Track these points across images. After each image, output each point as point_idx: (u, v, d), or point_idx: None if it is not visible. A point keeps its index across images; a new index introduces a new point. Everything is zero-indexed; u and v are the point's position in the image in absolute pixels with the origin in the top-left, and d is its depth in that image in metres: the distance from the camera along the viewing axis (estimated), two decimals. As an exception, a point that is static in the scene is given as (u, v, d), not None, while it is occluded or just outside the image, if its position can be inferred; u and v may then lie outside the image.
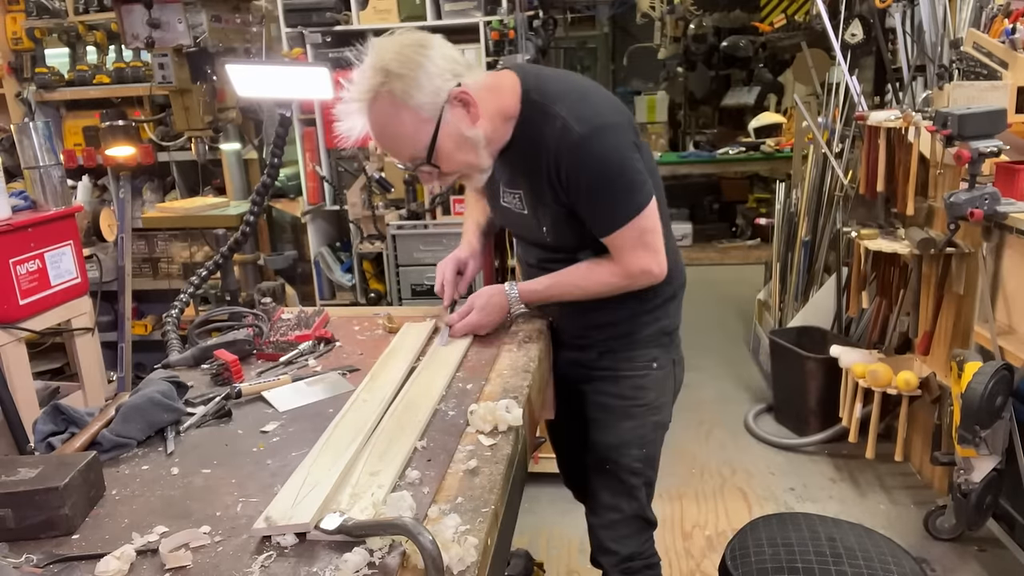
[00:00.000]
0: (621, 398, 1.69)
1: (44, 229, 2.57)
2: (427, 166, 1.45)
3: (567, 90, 1.48)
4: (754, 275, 5.05)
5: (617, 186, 1.46)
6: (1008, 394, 2.14)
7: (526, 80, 1.50)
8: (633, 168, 1.47)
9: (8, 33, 3.77)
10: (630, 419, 1.69)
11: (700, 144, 6.94)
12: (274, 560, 0.94)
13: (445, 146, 1.41)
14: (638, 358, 1.69)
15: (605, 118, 1.45)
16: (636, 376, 1.69)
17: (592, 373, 1.71)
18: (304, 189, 3.51)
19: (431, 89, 1.37)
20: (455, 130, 1.41)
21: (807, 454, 3.20)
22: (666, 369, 1.72)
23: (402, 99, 1.35)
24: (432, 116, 1.38)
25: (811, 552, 1.44)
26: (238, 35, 3.04)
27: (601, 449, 1.72)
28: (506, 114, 1.48)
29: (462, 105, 1.41)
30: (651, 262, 1.53)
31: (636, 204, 1.47)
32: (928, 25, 2.78)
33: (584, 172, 1.44)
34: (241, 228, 1.98)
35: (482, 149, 1.46)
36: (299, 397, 1.40)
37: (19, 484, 1.01)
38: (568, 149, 1.42)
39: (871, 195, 2.85)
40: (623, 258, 1.53)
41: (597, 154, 1.43)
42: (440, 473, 1.11)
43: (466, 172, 1.50)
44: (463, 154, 1.45)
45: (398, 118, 1.38)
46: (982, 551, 2.49)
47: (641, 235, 1.50)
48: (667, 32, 7.17)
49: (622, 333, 1.67)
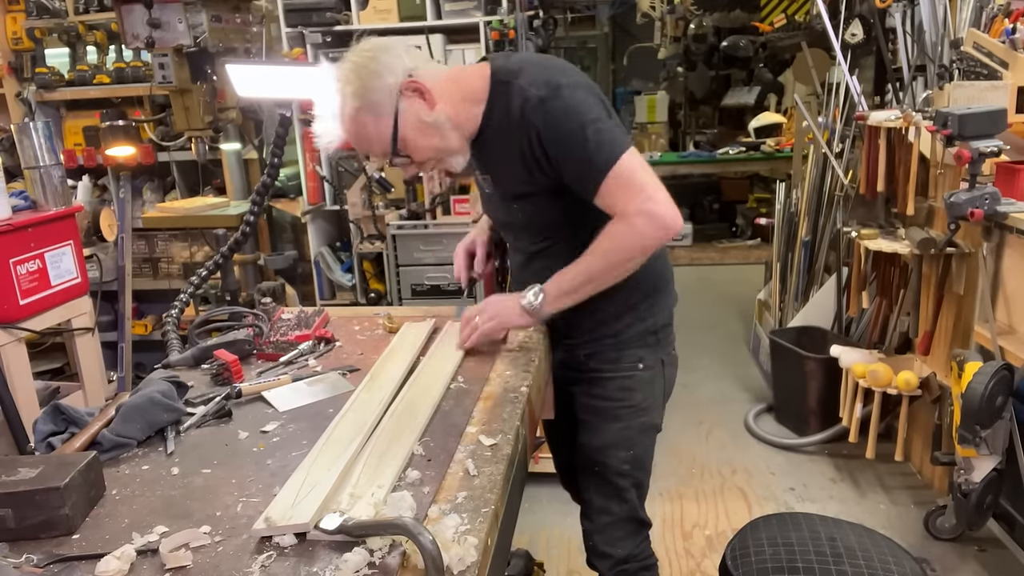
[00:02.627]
0: (608, 400, 1.68)
1: (44, 229, 2.57)
2: (399, 157, 1.50)
3: (528, 64, 1.51)
4: (754, 275, 5.05)
5: (589, 137, 1.42)
6: (1008, 394, 2.14)
7: (494, 64, 1.53)
8: (600, 118, 1.44)
9: (8, 33, 3.77)
10: (617, 421, 1.68)
11: (700, 144, 6.94)
12: (274, 560, 0.94)
13: (408, 135, 1.47)
14: (624, 359, 1.68)
15: (563, 79, 1.46)
16: (622, 377, 1.68)
17: (581, 375, 1.71)
18: (304, 189, 3.51)
19: (383, 87, 1.44)
20: (414, 118, 1.46)
21: (807, 454, 3.20)
22: (654, 370, 1.70)
23: (359, 103, 1.44)
24: (389, 112, 1.44)
25: (811, 552, 1.44)
26: (238, 35, 3.04)
27: (589, 451, 1.72)
28: (473, 97, 1.51)
29: (416, 94, 1.46)
30: (647, 202, 1.42)
31: (613, 151, 1.42)
32: (928, 25, 2.78)
33: (552, 131, 1.44)
34: (241, 228, 1.98)
35: (449, 131, 1.49)
36: (299, 397, 1.40)
37: (19, 484, 1.01)
38: (533, 115, 1.44)
39: (871, 195, 2.85)
40: (617, 209, 1.44)
41: (560, 110, 1.43)
42: (440, 473, 1.11)
43: (439, 156, 1.53)
44: (428, 139, 1.49)
45: (361, 121, 1.46)
46: (982, 551, 2.49)
47: (628, 178, 1.42)
48: (667, 32, 7.17)
49: (607, 333, 1.66)
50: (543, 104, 1.43)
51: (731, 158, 6.17)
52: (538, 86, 1.44)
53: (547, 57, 1.59)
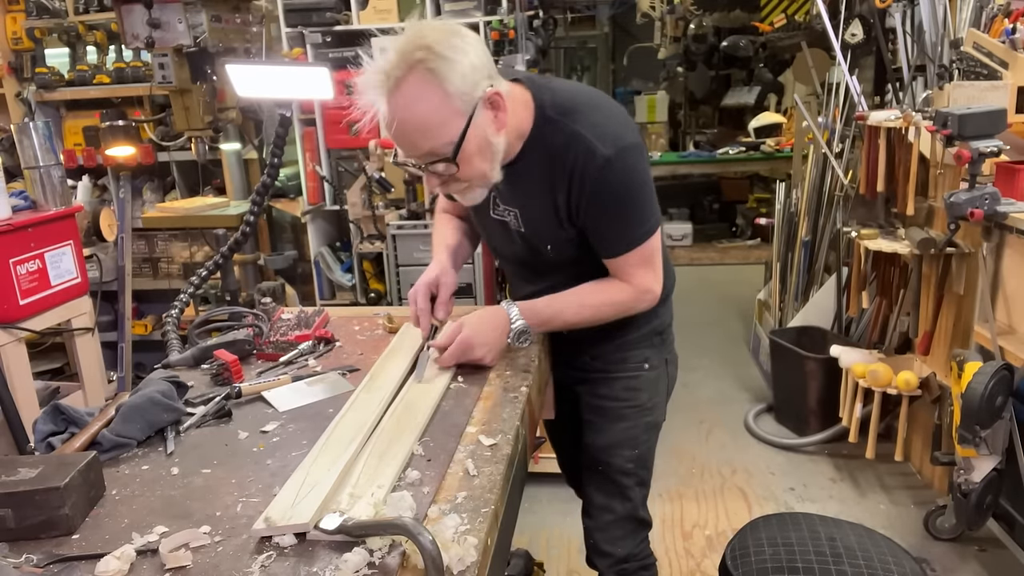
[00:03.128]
0: (614, 399, 1.68)
1: (44, 229, 2.57)
2: (444, 164, 1.31)
3: (584, 105, 1.41)
4: (754, 275, 5.05)
5: (634, 209, 1.44)
6: (1008, 394, 2.14)
7: (539, 95, 1.42)
8: (650, 194, 1.46)
9: (8, 33, 3.77)
10: (623, 420, 1.68)
11: (700, 144, 6.94)
12: (274, 560, 0.94)
13: (469, 147, 1.30)
14: (630, 359, 1.68)
15: (627, 139, 1.40)
16: (628, 377, 1.68)
17: (586, 375, 1.70)
18: (304, 189, 3.51)
19: (471, 80, 1.26)
20: (482, 132, 1.30)
21: (807, 454, 3.20)
22: (659, 369, 1.72)
23: (441, 80, 1.23)
24: (466, 110, 1.27)
25: (811, 552, 1.44)
26: (238, 35, 3.04)
27: (593, 451, 1.71)
28: (520, 132, 1.40)
29: (492, 108, 1.31)
30: (654, 282, 1.52)
31: (650, 227, 1.47)
32: (928, 25, 2.78)
33: (606, 194, 1.40)
34: (241, 228, 1.98)
35: (498, 161, 1.37)
36: (299, 397, 1.40)
37: (19, 484, 1.01)
38: (594, 170, 1.36)
39: (871, 195, 2.85)
40: (629, 278, 1.50)
41: (620, 176, 1.38)
42: (440, 473, 1.11)
43: (477, 183, 1.38)
44: (483, 161, 1.34)
45: (430, 101, 1.24)
46: (982, 551, 2.49)
47: (648, 257, 1.49)
48: (667, 32, 7.17)
49: (614, 334, 1.65)
50: (608, 165, 1.36)
51: (731, 158, 6.17)
52: (604, 140, 1.36)
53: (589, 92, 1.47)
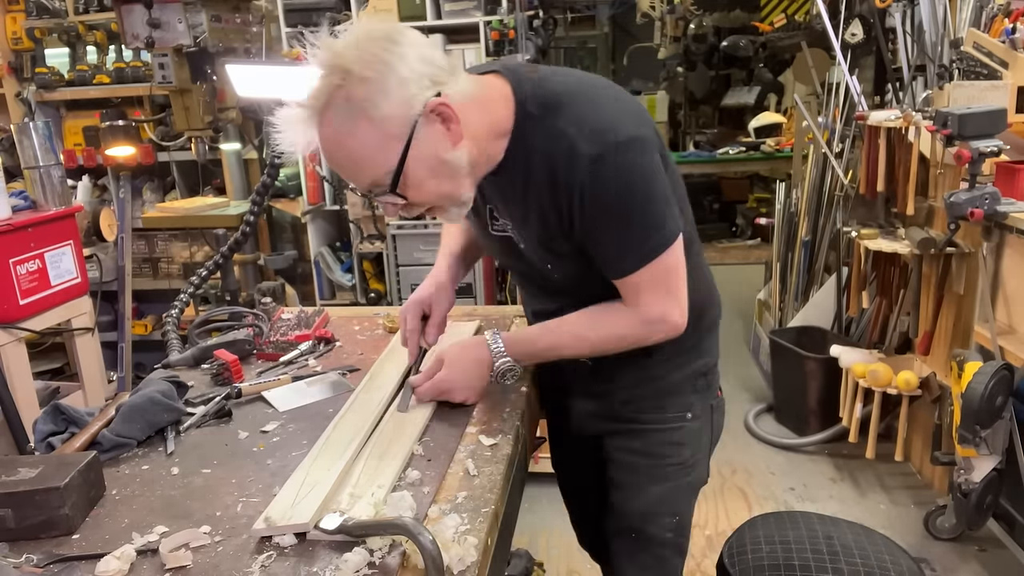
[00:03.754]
0: (648, 456, 1.41)
1: (44, 229, 2.57)
2: (391, 196, 1.14)
3: (571, 96, 1.18)
4: (754, 275, 5.05)
5: (637, 219, 1.17)
6: (1008, 394, 2.14)
7: (520, 87, 1.20)
8: (659, 196, 1.18)
9: (8, 33, 3.77)
10: (659, 482, 1.42)
11: (700, 144, 6.94)
12: (274, 560, 0.94)
13: (416, 172, 1.11)
14: (669, 407, 1.41)
15: (622, 131, 1.14)
16: (667, 430, 1.41)
17: (613, 426, 1.44)
18: (304, 189, 3.51)
19: (402, 97, 1.07)
20: (430, 152, 1.11)
21: (807, 454, 3.20)
22: (703, 419, 1.44)
23: (364, 108, 1.06)
24: (402, 132, 1.09)
25: (808, 550, 1.44)
26: (238, 35, 3.04)
27: (624, 516, 1.46)
28: (497, 130, 1.19)
29: (441, 120, 1.11)
30: (672, 308, 1.24)
31: (660, 241, 1.19)
32: (928, 25, 2.78)
33: (597, 202, 1.16)
34: (241, 228, 1.98)
35: (464, 177, 1.16)
36: (299, 397, 1.40)
37: (19, 484, 1.01)
38: (577, 174, 1.14)
39: (871, 195, 2.85)
40: (638, 303, 1.24)
41: (613, 179, 1.14)
42: (440, 473, 1.11)
43: (441, 203, 1.20)
44: (438, 182, 1.15)
45: (357, 132, 1.08)
46: (982, 551, 2.49)
47: (664, 277, 1.22)
48: (667, 32, 7.17)
49: (650, 377, 1.38)
50: (595, 167, 1.13)
51: (731, 158, 6.17)
52: (588, 138, 1.13)
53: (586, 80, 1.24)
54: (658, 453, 1.42)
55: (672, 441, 1.41)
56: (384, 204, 1.18)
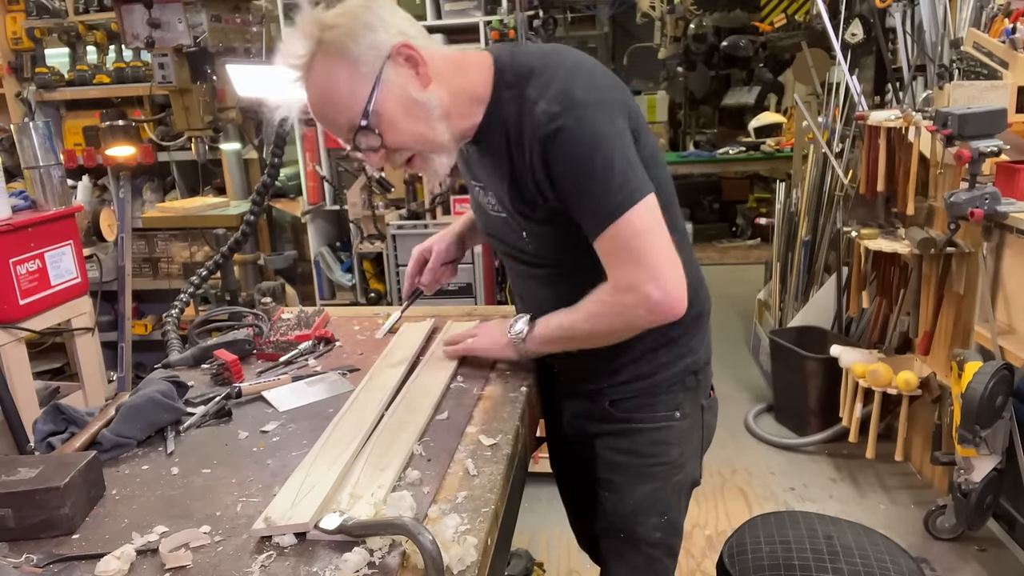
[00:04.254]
0: (637, 455, 1.40)
1: (44, 229, 2.57)
2: (367, 134, 1.17)
3: (544, 66, 1.21)
4: (754, 275, 5.05)
5: (596, 177, 1.16)
6: (1008, 394, 2.14)
7: (499, 59, 1.25)
8: (617, 154, 1.16)
9: (8, 33, 3.77)
10: (648, 481, 1.41)
11: (700, 144, 6.94)
12: (274, 560, 0.94)
13: (388, 108, 1.16)
14: (659, 406, 1.39)
15: (586, 95, 1.17)
16: (655, 429, 1.39)
17: (602, 426, 1.43)
18: (304, 189, 3.51)
19: (370, 41, 1.15)
20: (399, 90, 1.17)
21: (807, 454, 3.20)
22: (692, 418, 1.42)
23: (338, 50, 1.14)
24: (371, 72, 1.15)
25: (808, 550, 1.44)
26: (238, 35, 3.04)
27: (613, 516, 1.45)
28: (474, 94, 1.23)
29: (408, 64, 1.17)
30: (642, 277, 1.17)
31: (619, 200, 1.16)
32: (928, 25, 2.78)
33: (558, 160, 1.17)
34: (241, 228, 1.98)
35: (437, 121, 1.20)
36: (299, 397, 1.40)
37: (19, 484, 1.01)
38: (541, 134, 1.16)
39: (871, 195, 2.85)
40: (611, 275, 1.21)
41: (571, 137, 1.15)
42: (440, 473, 1.11)
43: (419, 148, 1.23)
44: (411, 122, 1.19)
45: (335, 74, 1.15)
46: (982, 551, 2.49)
47: (631, 241, 1.17)
48: (667, 32, 7.17)
49: (640, 375, 1.38)
50: (551, 123, 1.15)
51: (731, 158, 6.17)
52: (549, 99, 1.16)
53: (561, 50, 1.26)
54: (647, 452, 1.40)
55: (661, 440, 1.40)
56: (366, 152, 1.21)
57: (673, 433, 1.41)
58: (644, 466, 1.41)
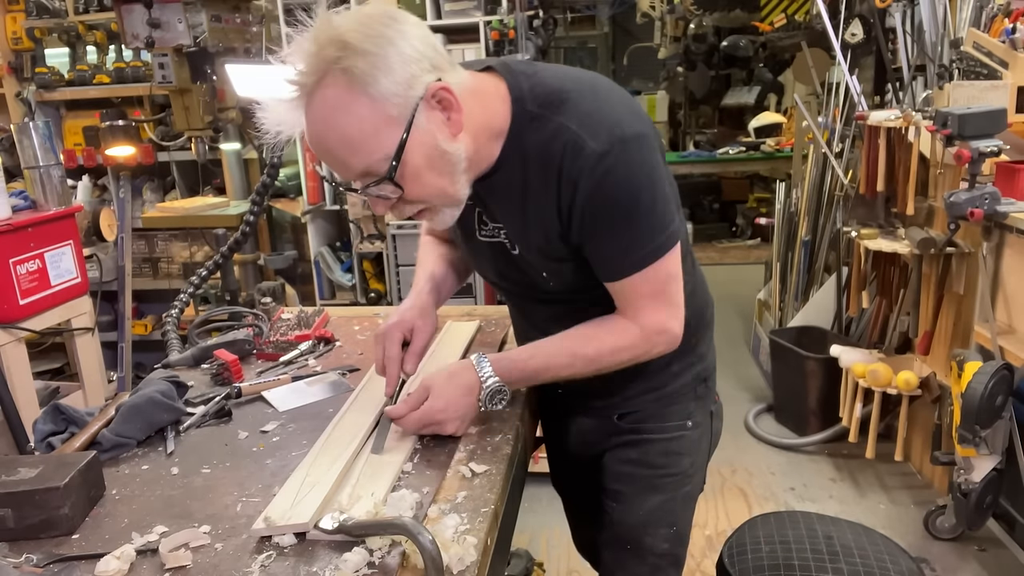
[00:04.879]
0: (647, 467, 1.37)
1: (44, 229, 2.57)
2: (387, 185, 1.05)
3: (572, 93, 1.11)
4: (754, 275, 5.05)
5: (640, 218, 1.11)
6: (1008, 394, 2.14)
7: (516, 85, 1.12)
8: (662, 195, 1.12)
9: (8, 33, 3.77)
10: (657, 492, 1.38)
11: (700, 144, 6.94)
12: (274, 560, 0.94)
13: (415, 161, 1.03)
14: (670, 416, 1.36)
15: (627, 128, 1.08)
16: (667, 439, 1.36)
17: (610, 439, 1.39)
18: (304, 189, 3.51)
19: (404, 77, 1.00)
20: (430, 139, 1.03)
21: (807, 454, 3.20)
22: (703, 427, 1.40)
23: (363, 83, 0.98)
24: (401, 115, 1.01)
25: (808, 550, 1.44)
26: (238, 35, 3.04)
27: (620, 528, 1.41)
28: (492, 129, 1.11)
29: (441, 108, 1.04)
30: (672, 318, 1.19)
31: (661, 243, 1.13)
32: (928, 25, 2.78)
33: (600, 200, 1.09)
34: (241, 228, 1.98)
35: (461, 174, 1.09)
36: (298, 397, 1.40)
37: (19, 484, 1.01)
38: (583, 170, 1.07)
39: (871, 195, 2.85)
40: (637, 312, 1.18)
41: (620, 176, 1.07)
42: (440, 473, 1.11)
43: (435, 202, 1.11)
44: (436, 175, 1.06)
45: (354, 110, 0.99)
46: (982, 551, 2.49)
47: (664, 283, 1.16)
48: (667, 32, 7.17)
49: (652, 387, 1.34)
50: (601, 162, 1.06)
51: (731, 158, 6.17)
52: (596, 135, 1.06)
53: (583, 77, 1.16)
54: (657, 463, 1.37)
55: (672, 451, 1.37)
56: (374, 199, 1.09)
57: (685, 443, 1.38)
58: (654, 477, 1.37)
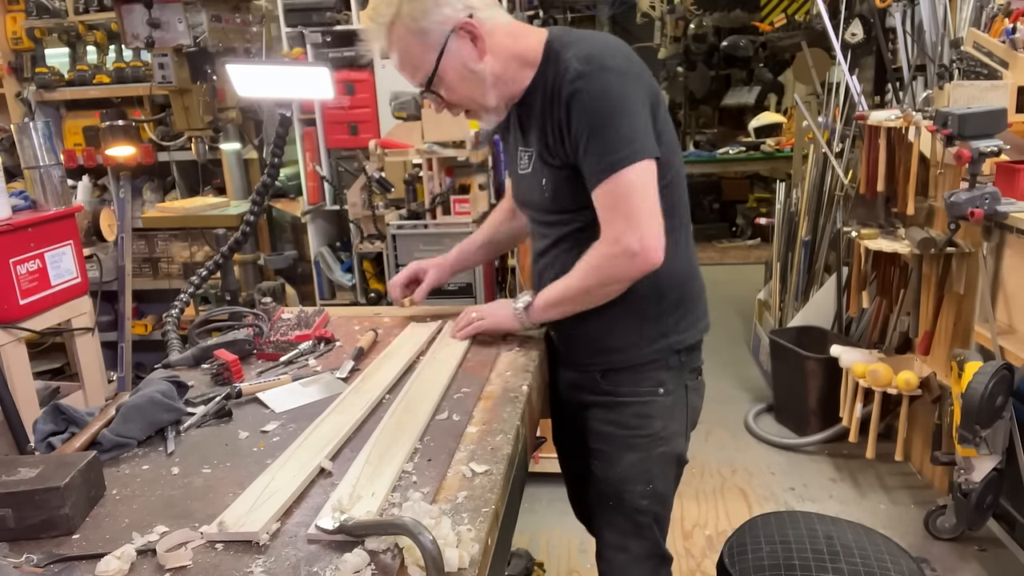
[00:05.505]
0: (622, 427, 1.53)
1: (44, 229, 2.57)
2: (431, 93, 1.45)
3: (587, 38, 1.42)
4: (754, 275, 5.05)
5: (607, 129, 1.33)
6: (1008, 394, 2.14)
7: (552, 32, 1.46)
8: (629, 115, 1.33)
9: (8, 33, 3.77)
10: (633, 451, 1.52)
11: (700, 144, 6.94)
12: (274, 560, 0.94)
13: (448, 76, 1.40)
14: (642, 382, 1.52)
15: (614, 62, 1.35)
16: (639, 403, 1.52)
17: (592, 398, 1.56)
18: (304, 189, 3.51)
19: (438, 17, 1.36)
20: (458, 61, 1.39)
21: (807, 454, 3.20)
22: (675, 395, 1.54)
23: (410, 25, 1.37)
24: (437, 44, 1.37)
25: (809, 550, 1.44)
26: (238, 35, 3.04)
27: (603, 484, 1.57)
28: (524, 59, 1.43)
29: (469, 37, 1.39)
30: (628, 232, 1.33)
31: (624, 155, 1.32)
32: (928, 25, 2.78)
33: (578, 109, 1.34)
34: (241, 228, 1.98)
35: (489, 87, 1.43)
36: (295, 398, 1.40)
37: (19, 484, 1.01)
38: (566, 86, 1.34)
39: (871, 195, 2.85)
40: (604, 229, 1.37)
41: (594, 90, 1.33)
42: (440, 473, 1.11)
43: (472, 107, 1.47)
44: (467, 87, 1.42)
45: (407, 43, 1.39)
46: (982, 551, 2.49)
47: (624, 195, 1.33)
48: (667, 32, 7.18)
49: (621, 347, 1.51)
50: (579, 79, 1.33)
51: (731, 158, 6.17)
52: (581, 59, 1.35)
53: (607, 37, 1.46)
54: (631, 424, 1.52)
55: (644, 414, 1.52)
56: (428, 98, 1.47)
57: (656, 407, 1.52)
58: (629, 437, 1.53)
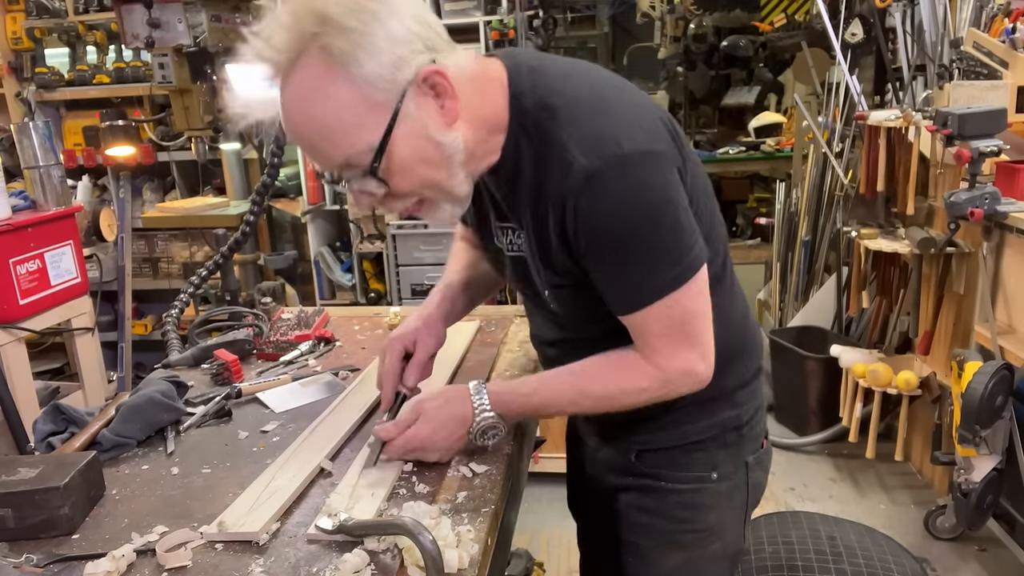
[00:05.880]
0: (667, 519, 1.21)
1: (44, 229, 2.57)
2: (370, 180, 0.94)
3: (572, 97, 0.98)
4: (754, 275, 5.04)
5: (643, 252, 0.97)
6: (1008, 394, 2.14)
7: (517, 78, 1.00)
8: (673, 220, 0.97)
9: (8, 33, 3.77)
10: (679, 550, 1.22)
11: (700, 144, 6.92)
12: (274, 560, 0.94)
13: (402, 152, 0.93)
14: (690, 465, 1.19)
15: (629, 144, 0.94)
16: (687, 491, 1.19)
17: (627, 480, 1.23)
18: (304, 189, 3.51)
19: (391, 58, 0.89)
20: (420, 128, 0.93)
21: (807, 454, 3.20)
22: (733, 480, 1.21)
23: (344, 63, 0.88)
24: (388, 100, 0.90)
25: (811, 551, 1.44)
26: (238, 35, 3.04)
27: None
28: (494, 123, 1.00)
29: (434, 93, 0.93)
30: (694, 359, 1.04)
31: (675, 274, 0.99)
32: (928, 25, 2.78)
33: (594, 224, 0.96)
34: (241, 228, 1.98)
35: (458, 166, 0.97)
36: (294, 398, 1.40)
37: (19, 484, 1.01)
38: (572, 191, 0.95)
39: (871, 195, 2.85)
40: (652, 351, 1.03)
41: (615, 200, 0.94)
42: (440, 473, 1.11)
43: (430, 196, 1.00)
44: (429, 168, 0.95)
45: (333, 94, 0.89)
46: (982, 551, 2.49)
47: (681, 319, 1.01)
48: (667, 32, 7.17)
49: (668, 426, 1.17)
50: (590, 183, 0.93)
51: (731, 158, 6.16)
52: (589, 150, 0.93)
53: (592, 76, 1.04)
54: (676, 516, 1.21)
55: (693, 504, 1.20)
56: (358, 193, 0.97)
57: (708, 496, 1.20)
58: (675, 532, 1.22)
